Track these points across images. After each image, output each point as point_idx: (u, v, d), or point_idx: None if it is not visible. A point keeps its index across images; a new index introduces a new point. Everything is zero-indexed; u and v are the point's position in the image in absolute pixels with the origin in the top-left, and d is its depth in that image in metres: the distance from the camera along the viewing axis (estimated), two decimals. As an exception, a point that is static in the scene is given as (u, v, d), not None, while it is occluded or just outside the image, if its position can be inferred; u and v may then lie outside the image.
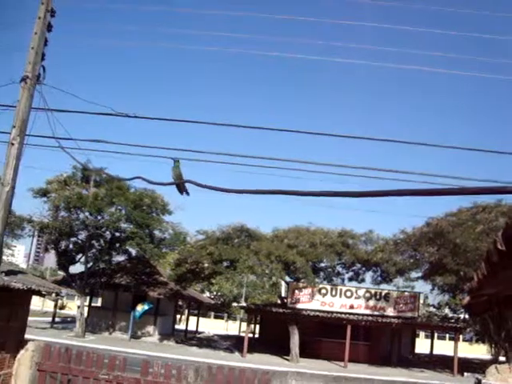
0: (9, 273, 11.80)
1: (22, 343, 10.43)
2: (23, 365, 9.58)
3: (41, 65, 10.65)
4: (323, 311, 32.97)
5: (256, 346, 34.83)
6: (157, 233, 34.38)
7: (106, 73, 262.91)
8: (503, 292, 4.70)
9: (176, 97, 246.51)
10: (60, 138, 10.80)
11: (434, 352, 39.15)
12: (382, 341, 35.51)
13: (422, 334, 53.78)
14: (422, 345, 44.96)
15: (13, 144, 9.70)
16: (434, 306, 39.14)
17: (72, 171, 32.33)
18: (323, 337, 33.89)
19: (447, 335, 51.64)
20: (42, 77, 10.51)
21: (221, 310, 63.87)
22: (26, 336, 12.34)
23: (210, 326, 60.31)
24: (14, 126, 9.75)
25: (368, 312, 33.38)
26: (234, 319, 64.78)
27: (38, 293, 13.24)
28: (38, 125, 10.44)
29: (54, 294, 14.78)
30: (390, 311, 33.56)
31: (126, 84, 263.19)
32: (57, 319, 40.12)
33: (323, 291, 33.84)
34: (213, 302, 56.31)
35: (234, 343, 40.06)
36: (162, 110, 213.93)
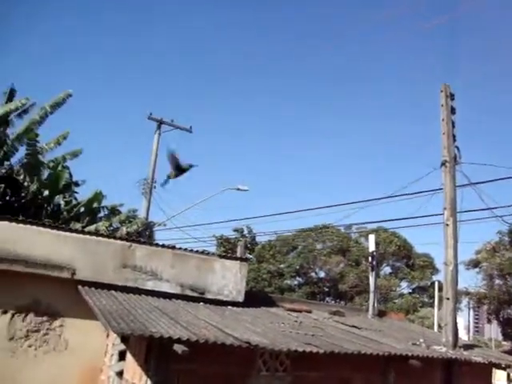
0: (465, 347, 12.23)
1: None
2: None
3: (454, 146, 11.43)
4: None
5: None
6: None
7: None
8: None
9: None
10: (485, 209, 11.13)
11: None
12: None
13: None
14: None
15: (447, 225, 10.55)
16: None
17: (498, 237, 31.95)
18: None
19: None
20: (458, 156, 11.24)
21: None
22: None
23: None
24: (445, 208, 10.65)
25: None
26: None
27: (498, 366, 13.07)
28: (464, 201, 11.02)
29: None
30: None
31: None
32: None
33: None
34: None
35: None
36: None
